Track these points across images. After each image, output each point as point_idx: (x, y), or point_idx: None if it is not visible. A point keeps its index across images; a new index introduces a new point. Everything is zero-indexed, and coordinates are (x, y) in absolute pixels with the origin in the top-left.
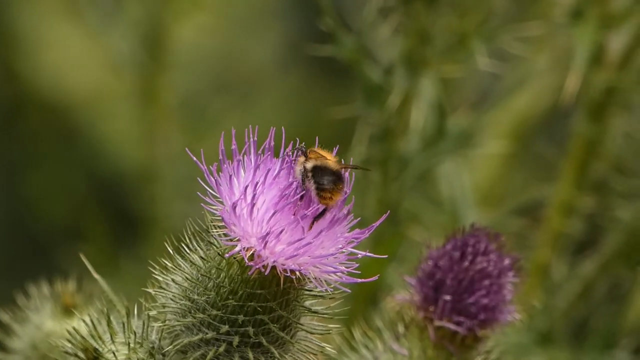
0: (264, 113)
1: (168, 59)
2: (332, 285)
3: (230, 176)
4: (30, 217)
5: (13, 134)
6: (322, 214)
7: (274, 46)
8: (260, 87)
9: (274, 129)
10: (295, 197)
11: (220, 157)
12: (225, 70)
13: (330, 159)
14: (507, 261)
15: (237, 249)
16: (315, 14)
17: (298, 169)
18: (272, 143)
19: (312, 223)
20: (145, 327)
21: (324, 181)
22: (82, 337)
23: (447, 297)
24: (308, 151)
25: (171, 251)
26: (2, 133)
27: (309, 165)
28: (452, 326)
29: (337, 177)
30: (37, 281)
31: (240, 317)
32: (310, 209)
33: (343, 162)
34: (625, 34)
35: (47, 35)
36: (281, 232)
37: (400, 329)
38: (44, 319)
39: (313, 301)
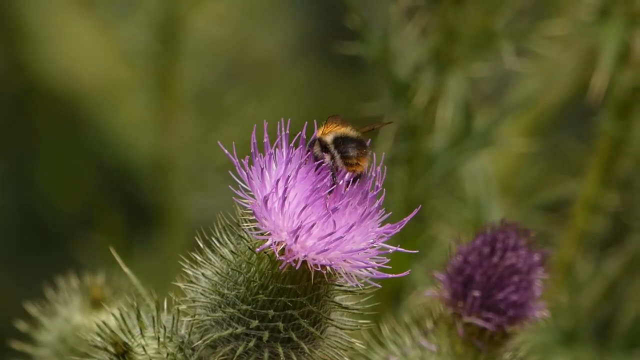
0: (276, 103)
1: (182, 49)
2: (362, 281)
3: (262, 169)
4: (42, 207)
5: (23, 125)
6: (353, 181)
7: (286, 36)
8: (272, 78)
9: (307, 123)
10: (326, 192)
11: (252, 150)
12: (236, 60)
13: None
14: (536, 257)
15: (267, 243)
16: (327, 4)
17: (317, 149)
18: (304, 136)
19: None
20: (175, 321)
21: (348, 148)
22: (112, 330)
23: (476, 293)
24: (322, 128)
25: (201, 244)
26: (12, 123)
27: (329, 137)
28: (480, 322)
29: (360, 143)
30: (49, 271)
31: (271, 312)
32: (341, 202)
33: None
34: None
35: (56, 25)
36: (312, 226)
37: (429, 325)
38: (73, 312)
39: (343, 296)
